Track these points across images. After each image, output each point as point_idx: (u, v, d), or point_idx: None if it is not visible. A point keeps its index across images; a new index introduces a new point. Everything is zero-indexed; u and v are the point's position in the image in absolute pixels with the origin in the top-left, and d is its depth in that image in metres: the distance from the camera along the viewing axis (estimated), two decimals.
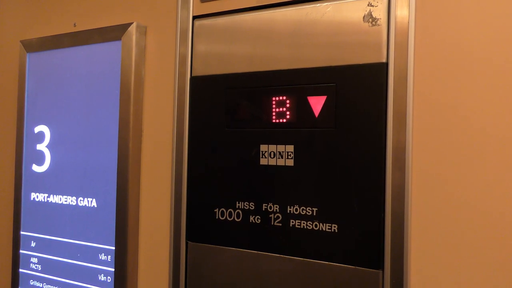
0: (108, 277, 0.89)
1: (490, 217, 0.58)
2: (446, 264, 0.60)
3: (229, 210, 0.76)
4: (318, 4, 0.70)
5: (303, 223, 0.69)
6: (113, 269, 0.88)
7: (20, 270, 1.03)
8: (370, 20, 0.66)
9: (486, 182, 0.59)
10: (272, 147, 0.72)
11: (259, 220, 0.73)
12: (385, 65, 0.64)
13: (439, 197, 0.61)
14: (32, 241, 1.01)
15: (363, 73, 0.66)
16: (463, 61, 0.61)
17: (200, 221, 0.79)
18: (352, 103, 0.67)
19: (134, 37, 0.87)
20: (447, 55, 0.62)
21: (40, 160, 1.01)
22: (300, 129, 0.70)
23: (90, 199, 0.93)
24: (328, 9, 0.69)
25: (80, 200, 0.94)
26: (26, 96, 1.04)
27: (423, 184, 0.62)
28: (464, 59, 0.61)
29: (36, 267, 1.00)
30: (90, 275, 0.91)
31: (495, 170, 0.58)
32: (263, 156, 0.73)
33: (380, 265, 0.63)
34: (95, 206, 0.92)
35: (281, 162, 0.72)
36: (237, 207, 0.75)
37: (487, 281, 0.58)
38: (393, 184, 0.63)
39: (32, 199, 1.02)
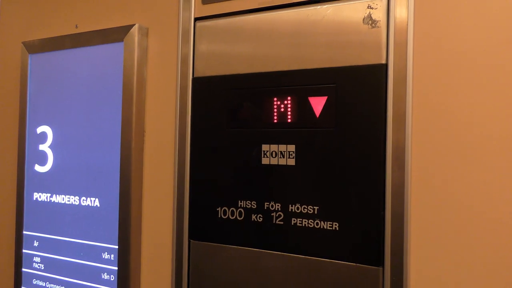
0: (112, 276, 0.90)
1: (489, 216, 0.59)
2: (446, 261, 0.61)
3: (231, 209, 0.77)
4: (319, 6, 0.71)
5: (305, 221, 0.71)
6: (116, 268, 0.89)
7: (23, 269, 1.03)
8: (370, 22, 0.67)
9: (485, 181, 0.60)
10: (274, 147, 0.73)
11: (261, 219, 0.74)
12: (385, 66, 0.66)
13: (439, 196, 0.62)
14: (35, 241, 1.02)
15: (363, 74, 0.67)
16: (462, 62, 0.62)
17: (202, 220, 0.80)
18: (352, 103, 0.68)
19: (136, 39, 0.88)
20: (446, 56, 0.63)
21: (42, 160, 1.02)
22: (301, 129, 0.71)
23: (93, 199, 0.93)
24: (329, 11, 0.70)
25: (83, 199, 0.95)
26: (28, 97, 1.04)
27: (422, 182, 0.63)
28: (463, 60, 0.62)
29: (39, 266, 1.01)
30: (93, 274, 0.92)
31: (494, 170, 0.59)
32: (265, 156, 0.74)
33: (380, 262, 0.65)
34: (98, 205, 0.92)
35: (282, 161, 0.73)
36: (239, 206, 0.76)
37: (486, 278, 0.59)
38: (393, 183, 0.64)
39: (34, 199, 1.03)
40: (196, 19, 0.83)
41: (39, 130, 1.02)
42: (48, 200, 1.00)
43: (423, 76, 0.64)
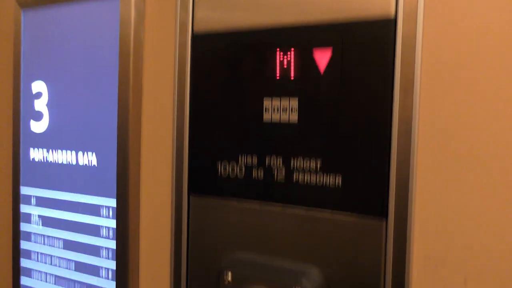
0: (110, 231, 0.90)
1: (497, 169, 0.58)
2: (451, 214, 0.61)
3: (231, 163, 0.77)
4: None
5: (307, 176, 0.70)
6: (115, 224, 0.89)
7: (22, 228, 1.04)
8: None
9: (491, 135, 0.59)
10: (276, 102, 0.72)
11: (262, 174, 0.74)
12: (393, 21, 0.63)
13: (446, 153, 0.61)
14: (32, 198, 1.02)
15: (370, 29, 0.65)
16: (476, 22, 0.59)
17: (202, 175, 0.80)
18: (358, 58, 0.66)
19: None
20: (459, 15, 0.60)
21: (38, 118, 1.00)
22: (304, 84, 0.70)
23: (90, 154, 0.92)
24: None
25: (80, 156, 0.94)
26: (22, 54, 1.02)
27: (429, 141, 0.62)
28: (477, 20, 0.59)
29: (37, 223, 1.01)
30: (91, 230, 0.92)
31: (500, 127, 0.58)
32: (266, 111, 0.73)
33: (384, 214, 0.64)
34: (96, 162, 0.92)
35: (284, 117, 0.71)
36: (239, 160, 0.76)
37: (492, 228, 0.59)
38: (399, 144, 0.63)
39: (32, 158, 1.02)
40: None
41: (34, 88, 1.00)
42: (45, 160, 0.99)
43: (433, 35, 0.61)
